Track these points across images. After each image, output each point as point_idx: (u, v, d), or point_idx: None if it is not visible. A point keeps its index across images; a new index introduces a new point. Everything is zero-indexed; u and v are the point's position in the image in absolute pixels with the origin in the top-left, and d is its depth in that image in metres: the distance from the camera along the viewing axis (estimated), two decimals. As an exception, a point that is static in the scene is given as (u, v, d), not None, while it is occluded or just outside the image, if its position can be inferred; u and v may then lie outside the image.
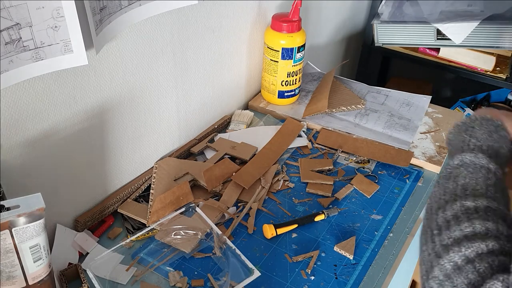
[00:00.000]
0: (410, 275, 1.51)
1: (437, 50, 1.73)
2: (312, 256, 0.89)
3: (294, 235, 0.94)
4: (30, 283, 0.69)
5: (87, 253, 0.88)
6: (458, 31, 1.58)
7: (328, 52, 1.77)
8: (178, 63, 1.02)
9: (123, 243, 0.89)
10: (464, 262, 0.50)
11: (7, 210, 0.65)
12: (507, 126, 0.67)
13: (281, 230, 0.93)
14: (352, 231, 0.95)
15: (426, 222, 0.59)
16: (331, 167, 1.08)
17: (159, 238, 0.90)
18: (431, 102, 1.30)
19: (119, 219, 0.96)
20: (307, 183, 1.05)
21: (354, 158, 1.13)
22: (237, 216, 0.96)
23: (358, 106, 1.26)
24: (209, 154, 1.11)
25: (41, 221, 0.67)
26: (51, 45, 0.68)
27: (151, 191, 0.98)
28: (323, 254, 0.90)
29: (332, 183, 1.04)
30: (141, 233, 0.91)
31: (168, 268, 0.86)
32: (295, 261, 0.88)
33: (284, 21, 1.17)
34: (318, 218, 0.96)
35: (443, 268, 0.51)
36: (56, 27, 0.67)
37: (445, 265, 0.51)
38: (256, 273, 0.82)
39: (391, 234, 0.95)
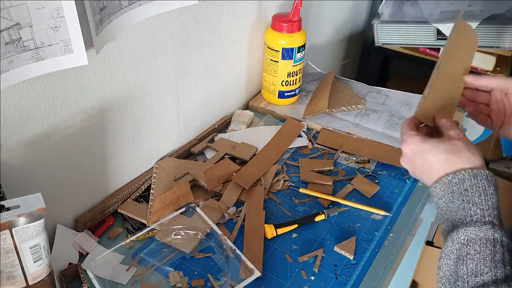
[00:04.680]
0: (410, 275, 1.51)
1: (438, 50, 1.73)
2: (317, 255, 0.89)
3: (294, 235, 0.94)
4: (30, 283, 0.69)
5: (87, 253, 0.88)
6: (458, 31, 1.58)
7: (328, 52, 1.77)
8: (178, 63, 1.02)
9: (123, 243, 0.89)
10: None
11: (7, 210, 0.65)
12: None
13: (281, 230, 0.93)
14: (352, 231, 0.95)
15: None
16: (332, 167, 1.08)
17: (159, 238, 0.90)
18: (431, 102, 1.30)
19: (119, 219, 0.96)
20: (308, 183, 1.05)
21: (354, 158, 1.13)
22: (237, 217, 0.96)
23: (358, 106, 1.26)
24: (209, 154, 1.11)
25: (41, 221, 0.67)
26: (51, 45, 0.68)
27: (151, 191, 0.98)
28: (323, 254, 0.90)
29: (331, 183, 1.04)
30: (141, 233, 0.91)
31: (168, 268, 0.86)
32: (300, 261, 0.88)
33: (284, 21, 1.17)
34: (318, 218, 0.96)
35: None
36: (56, 27, 0.67)
37: None
38: (257, 273, 0.82)
39: (391, 234, 0.95)
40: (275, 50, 1.19)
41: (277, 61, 1.20)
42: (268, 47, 1.21)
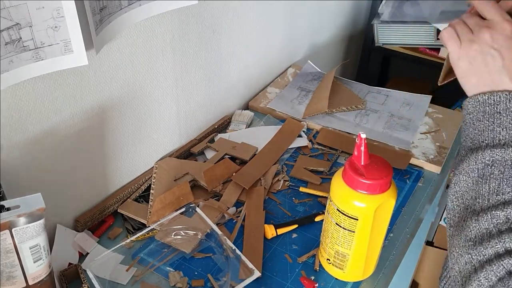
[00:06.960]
0: (411, 275, 1.52)
1: (437, 50, 1.73)
2: (315, 254, 0.89)
3: (294, 235, 0.94)
4: (30, 283, 0.69)
5: (87, 253, 0.88)
6: (459, 31, 1.58)
7: (328, 52, 1.77)
8: (178, 63, 1.02)
9: (123, 243, 0.89)
10: (496, 279, 0.55)
11: (7, 210, 0.65)
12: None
13: (281, 230, 0.93)
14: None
15: (458, 223, 0.62)
16: (326, 169, 1.08)
17: (159, 238, 0.90)
18: (431, 102, 1.30)
19: (119, 219, 0.96)
20: (307, 182, 1.05)
21: (354, 158, 1.12)
22: (237, 217, 0.96)
23: (358, 106, 1.26)
24: (209, 154, 1.11)
25: (41, 221, 0.67)
26: (51, 45, 0.68)
27: (151, 191, 0.98)
28: (323, 254, 0.90)
29: (318, 182, 1.04)
30: (141, 233, 0.91)
31: (168, 268, 0.86)
32: (300, 262, 0.88)
33: None
34: (319, 218, 0.96)
35: (481, 284, 0.57)
36: (56, 27, 0.67)
37: (482, 280, 0.56)
38: (256, 274, 0.82)
39: (391, 235, 0.94)
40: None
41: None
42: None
